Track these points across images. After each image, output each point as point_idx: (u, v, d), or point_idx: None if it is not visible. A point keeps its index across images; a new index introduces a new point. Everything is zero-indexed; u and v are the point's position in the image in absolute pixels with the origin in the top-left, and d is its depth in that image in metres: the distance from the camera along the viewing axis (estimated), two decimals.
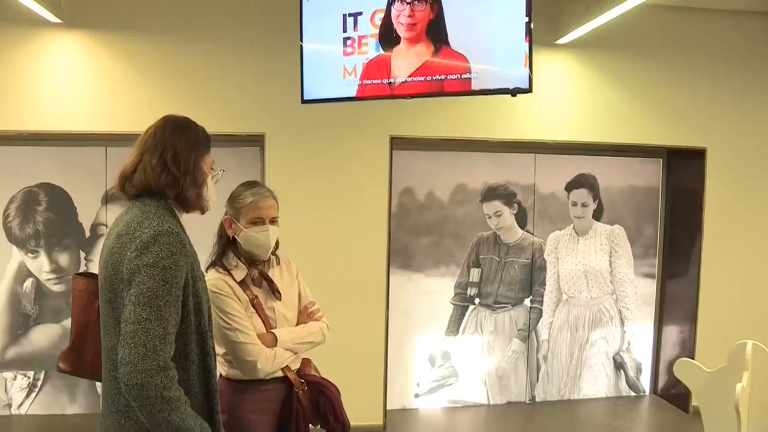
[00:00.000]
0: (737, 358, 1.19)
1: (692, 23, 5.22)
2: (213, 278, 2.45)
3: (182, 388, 1.77)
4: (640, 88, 5.19)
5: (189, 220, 2.05)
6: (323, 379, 2.69)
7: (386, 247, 4.85)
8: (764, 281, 5.61)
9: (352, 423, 2.71)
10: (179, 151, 1.94)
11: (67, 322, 4.74)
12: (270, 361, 2.46)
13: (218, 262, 2.54)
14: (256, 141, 4.76)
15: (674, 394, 5.56)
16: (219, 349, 2.41)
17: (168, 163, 1.92)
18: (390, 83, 3.50)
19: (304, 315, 2.70)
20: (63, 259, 4.85)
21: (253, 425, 2.46)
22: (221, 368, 2.49)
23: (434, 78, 3.43)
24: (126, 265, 1.78)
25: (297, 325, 2.66)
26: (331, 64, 3.64)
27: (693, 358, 4.96)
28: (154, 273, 1.75)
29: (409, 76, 3.48)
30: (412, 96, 3.53)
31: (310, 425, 2.64)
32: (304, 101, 3.77)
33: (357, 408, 4.66)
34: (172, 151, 1.93)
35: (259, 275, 2.57)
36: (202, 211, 2.05)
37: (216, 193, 2.11)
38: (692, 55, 5.25)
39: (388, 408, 4.97)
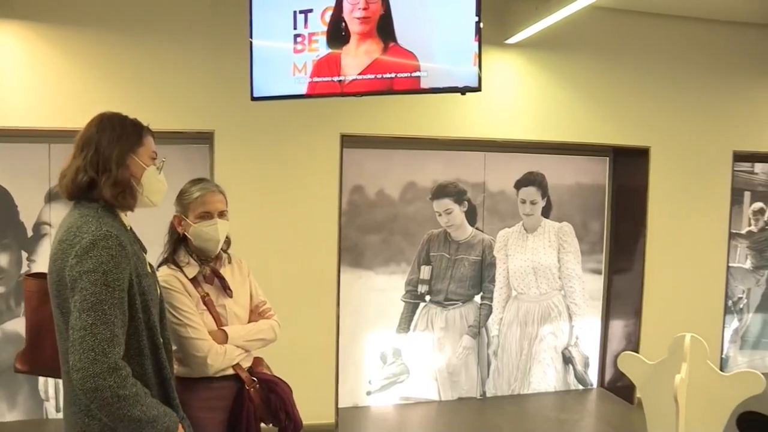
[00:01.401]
0: (676, 351, 1.23)
1: (638, 27, 5.35)
2: (164, 274, 2.45)
3: (140, 383, 1.81)
4: (587, 88, 5.28)
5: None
6: (275, 377, 2.69)
7: (336, 245, 4.83)
8: (704, 275, 5.79)
9: (304, 422, 2.70)
10: (101, 150, 1.91)
11: (9, 325, 4.65)
12: (220, 358, 2.45)
13: (170, 259, 2.54)
14: (204, 138, 4.68)
15: (620, 387, 5.69)
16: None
17: (87, 163, 1.90)
18: (340, 81, 3.49)
19: (255, 313, 2.70)
20: (3, 259, 4.70)
21: (203, 423, 2.42)
22: None
23: (384, 76, 3.43)
24: (68, 273, 1.79)
25: (248, 323, 2.65)
26: (281, 61, 3.62)
27: (638, 352, 5.08)
28: (95, 278, 1.76)
29: (359, 73, 3.48)
30: (362, 94, 3.53)
31: (262, 423, 2.63)
32: (253, 98, 3.74)
33: (309, 406, 4.64)
34: (93, 150, 1.91)
35: (211, 272, 2.56)
36: (131, 208, 2.02)
37: (166, 183, 2.09)
38: (637, 57, 5.38)
39: (339, 406, 4.96)
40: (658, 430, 1.28)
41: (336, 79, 3.50)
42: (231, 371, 2.53)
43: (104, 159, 1.91)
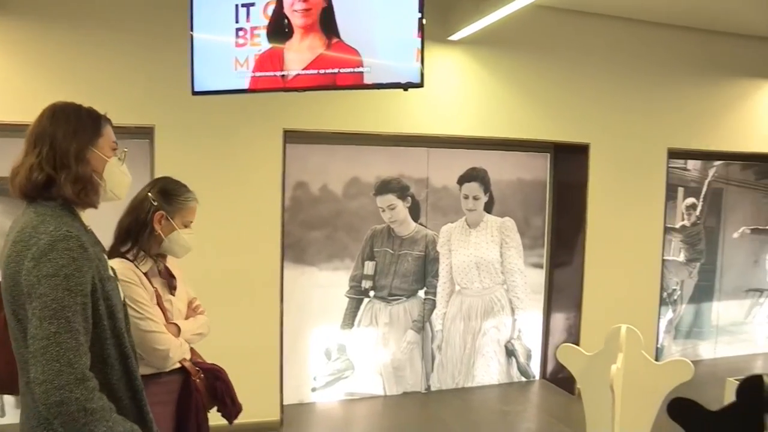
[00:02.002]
0: (613, 342, 1.27)
1: (578, 26, 5.46)
2: (121, 267, 2.37)
3: (105, 394, 1.69)
4: (529, 85, 5.37)
5: None
6: (214, 364, 2.72)
7: (279, 241, 4.80)
8: (641, 268, 5.96)
9: (248, 419, 2.72)
10: (57, 145, 1.78)
11: None
12: (179, 351, 2.48)
13: (119, 251, 2.48)
14: (145, 133, 4.59)
15: (561, 378, 5.80)
16: None
17: (43, 159, 1.76)
18: (283, 76, 3.47)
19: (190, 309, 2.72)
20: None
21: (158, 419, 2.40)
22: None
23: (327, 71, 3.42)
24: (25, 277, 1.66)
25: (186, 318, 2.67)
26: (223, 55, 3.56)
27: (578, 343, 5.19)
28: (56, 283, 1.63)
29: (303, 69, 3.46)
30: (305, 89, 3.51)
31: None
32: (194, 93, 3.67)
33: (253, 404, 4.61)
34: (48, 146, 1.78)
35: (165, 268, 2.59)
36: (94, 205, 1.89)
37: (129, 174, 2.00)
38: (578, 55, 5.50)
39: (284, 403, 4.94)
40: (596, 419, 1.32)
41: (279, 74, 3.47)
42: (177, 364, 2.53)
43: (61, 154, 1.77)
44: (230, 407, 2.69)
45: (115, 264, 2.36)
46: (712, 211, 6.85)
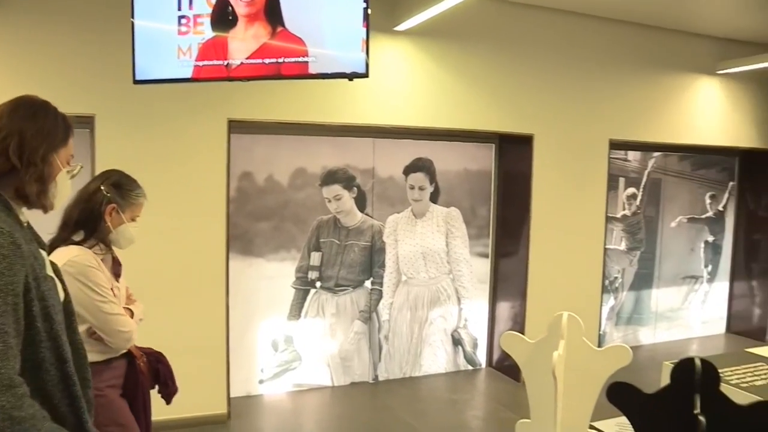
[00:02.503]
0: (555, 329, 1.30)
1: (524, 19, 5.53)
2: (82, 253, 2.48)
3: (40, 401, 1.58)
4: (474, 77, 5.41)
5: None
6: (153, 349, 2.86)
7: (225, 233, 4.74)
8: (584, 257, 6.09)
9: (195, 413, 2.76)
10: (27, 139, 1.70)
11: None
12: (136, 333, 2.61)
13: (87, 240, 2.55)
14: (85, 123, 4.47)
15: (507, 366, 5.89)
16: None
17: (10, 149, 1.67)
18: (227, 65, 3.43)
19: (126, 297, 2.81)
20: None
21: (108, 401, 2.53)
22: None
23: (272, 61, 3.39)
24: None
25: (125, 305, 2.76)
26: (165, 43, 3.49)
27: (524, 331, 5.28)
28: None
29: (247, 58, 3.42)
30: (249, 78, 3.48)
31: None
32: (136, 81, 3.60)
33: (199, 397, 4.60)
34: (18, 138, 1.69)
35: (116, 258, 2.70)
36: (45, 209, 1.79)
37: (71, 188, 1.91)
38: (523, 48, 5.57)
39: (231, 396, 4.89)
40: (540, 404, 1.35)
41: (223, 63, 3.43)
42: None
43: (31, 150, 1.69)
44: (171, 388, 2.86)
45: (75, 251, 2.47)
46: (651, 201, 7.03)
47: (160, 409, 2.77)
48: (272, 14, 3.35)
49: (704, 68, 6.63)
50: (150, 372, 2.77)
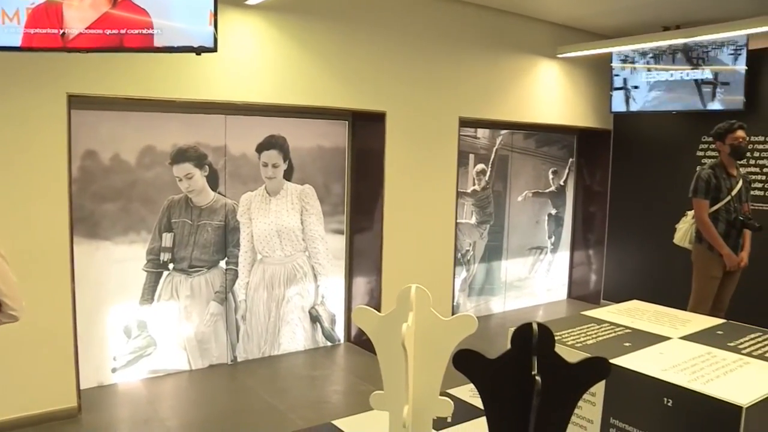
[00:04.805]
0: (404, 301, 1.32)
1: None
2: None
3: None
4: (327, 54, 5.40)
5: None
6: None
7: (68, 215, 4.45)
8: (436, 231, 6.28)
9: (42, 409, 2.57)
10: None
11: None
12: None
13: None
14: None
15: (365, 340, 5.98)
16: None
17: None
18: (63, 34, 3.22)
19: None
20: None
21: None
22: None
23: (113, 32, 3.23)
24: None
25: None
26: None
27: (380, 306, 5.38)
28: None
29: (86, 28, 3.23)
30: (88, 50, 3.29)
31: None
32: None
33: (46, 392, 4.34)
34: None
35: None
36: None
37: None
38: (375, 27, 5.62)
39: (82, 387, 4.63)
40: (391, 375, 1.38)
41: (58, 32, 3.22)
42: None
43: None
44: None
45: None
46: (500, 177, 7.34)
47: (1, 408, 2.56)
48: None
49: (546, 52, 7.00)
50: None
